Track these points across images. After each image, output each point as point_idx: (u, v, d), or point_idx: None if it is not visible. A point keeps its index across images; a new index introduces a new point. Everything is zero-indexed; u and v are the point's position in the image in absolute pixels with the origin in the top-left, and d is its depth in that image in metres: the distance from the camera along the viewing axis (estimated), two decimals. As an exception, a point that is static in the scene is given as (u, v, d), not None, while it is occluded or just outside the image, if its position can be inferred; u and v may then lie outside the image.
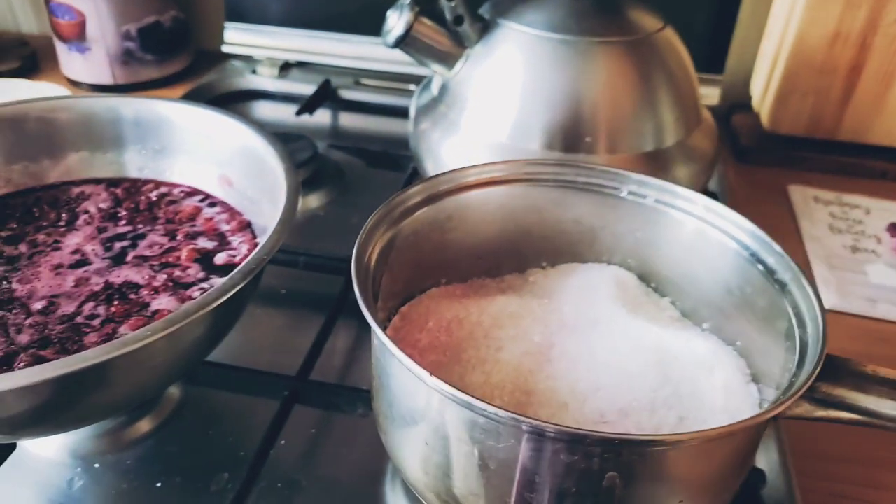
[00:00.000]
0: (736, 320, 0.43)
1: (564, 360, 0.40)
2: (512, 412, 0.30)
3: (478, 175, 0.46)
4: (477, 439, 0.32)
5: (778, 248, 0.40)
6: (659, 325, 0.43)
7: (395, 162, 0.78)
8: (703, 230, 0.44)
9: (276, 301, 0.59)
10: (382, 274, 0.41)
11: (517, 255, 0.49)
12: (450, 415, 0.32)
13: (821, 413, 0.35)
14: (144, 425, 0.47)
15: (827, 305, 0.60)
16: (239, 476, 0.44)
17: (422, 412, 0.34)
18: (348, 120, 0.90)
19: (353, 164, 0.78)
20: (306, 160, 0.71)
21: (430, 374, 0.31)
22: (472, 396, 0.30)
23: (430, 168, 0.62)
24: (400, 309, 0.45)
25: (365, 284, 0.37)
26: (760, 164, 0.80)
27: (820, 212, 0.72)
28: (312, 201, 0.71)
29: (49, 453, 0.45)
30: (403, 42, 0.57)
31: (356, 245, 0.38)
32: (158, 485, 0.44)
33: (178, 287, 0.45)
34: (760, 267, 0.41)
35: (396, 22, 0.57)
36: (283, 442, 0.47)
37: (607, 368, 0.39)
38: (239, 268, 0.38)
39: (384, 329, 0.33)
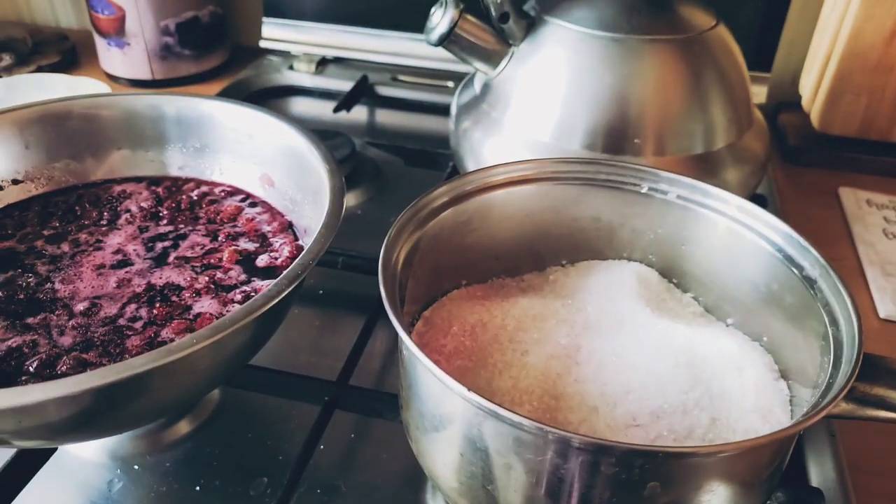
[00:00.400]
0: (762, 315, 0.42)
1: (592, 363, 0.39)
2: (556, 428, 0.29)
3: (504, 174, 0.45)
4: (513, 450, 0.31)
5: (806, 243, 0.39)
6: (684, 323, 0.42)
7: (433, 160, 0.77)
8: (735, 230, 0.43)
9: (313, 301, 0.59)
10: (408, 279, 0.40)
11: (535, 255, 0.48)
12: (486, 427, 0.32)
13: (859, 413, 0.34)
14: (183, 427, 0.47)
15: (882, 314, 0.58)
16: (278, 481, 0.44)
17: (456, 423, 0.33)
18: (385, 117, 0.89)
19: (390, 162, 0.77)
20: (344, 158, 0.70)
21: (469, 389, 0.30)
22: (519, 414, 0.29)
23: (471, 167, 0.61)
24: (422, 313, 0.44)
25: (392, 293, 0.36)
26: (809, 165, 0.78)
27: (873, 216, 0.69)
28: (350, 199, 0.70)
29: (89, 455, 0.45)
30: (447, 40, 0.56)
31: (382, 251, 0.38)
32: (197, 488, 0.44)
33: (219, 290, 0.44)
34: (792, 265, 0.40)
35: (440, 19, 0.55)
36: (322, 447, 0.46)
37: (636, 370, 0.38)
38: (285, 272, 0.37)
39: (409, 335, 0.32)
